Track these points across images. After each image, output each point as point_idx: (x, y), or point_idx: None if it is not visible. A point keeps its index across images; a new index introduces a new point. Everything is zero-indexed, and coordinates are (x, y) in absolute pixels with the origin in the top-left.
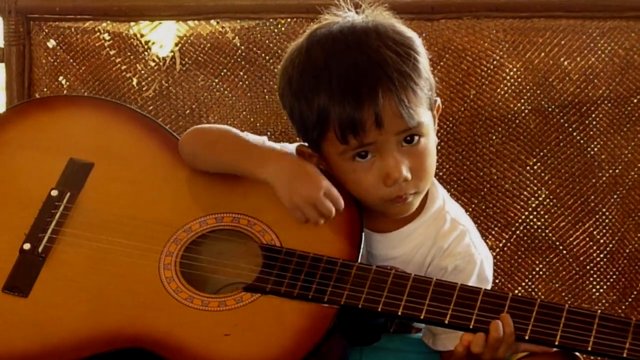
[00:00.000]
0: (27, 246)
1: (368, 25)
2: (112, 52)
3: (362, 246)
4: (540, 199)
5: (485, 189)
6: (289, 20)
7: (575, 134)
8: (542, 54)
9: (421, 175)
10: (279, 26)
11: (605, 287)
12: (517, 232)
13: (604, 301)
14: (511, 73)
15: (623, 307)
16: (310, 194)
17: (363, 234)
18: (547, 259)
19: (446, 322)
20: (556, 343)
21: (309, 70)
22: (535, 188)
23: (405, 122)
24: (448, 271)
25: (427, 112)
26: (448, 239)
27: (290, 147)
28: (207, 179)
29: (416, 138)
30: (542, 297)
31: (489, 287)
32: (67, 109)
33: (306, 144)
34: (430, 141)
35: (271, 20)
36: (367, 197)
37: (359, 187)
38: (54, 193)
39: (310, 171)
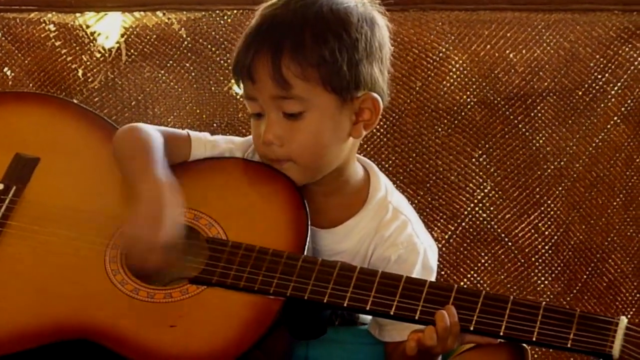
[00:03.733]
0: None
1: None
2: (57, 43)
3: (308, 240)
4: (486, 190)
5: (431, 181)
6: (235, 11)
7: (520, 126)
8: (488, 46)
9: (294, 148)
10: (226, 17)
11: (550, 278)
12: (463, 224)
13: (548, 293)
14: (457, 65)
15: (568, 298)
16: (150, 235)
17: (309, 227)
18: (493, 251)
19: (392, 313)
20: (501, 334)
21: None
22: (481, 180)
23: (276, 87)
24: (391, 261)
25: (322, 92)
26: (389, 228)
27: (237, 141)
28: None
29: (295, 113)
30: (488, 288)
31: (434, 276)
32: (14, 105)
33: None
34: (319, 121)
35: (217, 11)
36: (258, 155)
37: (254, 144)
38: (0, 187)
39: (170, 217)
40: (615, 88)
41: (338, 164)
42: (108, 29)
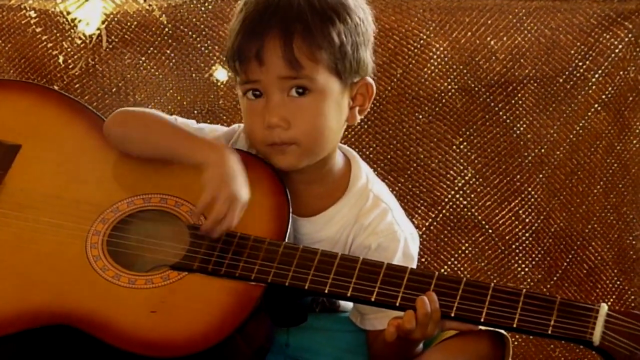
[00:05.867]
0: None
1: None
2: (38, 30)
3: (289, 227)
4: (467, 178)
5: (411, 168)
6: None
7: (501, 113)
8: (469, 33)
9: (301, 129)
10: (206, 4)
11: (530, 266)
12: (444, 211)
13: (529, 280)
14: (438, 52)
15: (548, 286)
16: (237, 193)
17: (290, 215)
18: (473, 238)
19: (372, 299)
20: (482, 320)
21: (241, 5)
22: (462, 167)
23: (287, 68)
24: (372, 249)
25: (328, 76)
26: (369, 217)
27: (222, 130)
28: (134, 160)
29: (305, 91)
30: (468, 275)
31: (414, 264)
32: None
33: None
34: (324, 103)
35: None
36: (254, 140)
37: (249, 128)
38: None
39: (244, 176)
40: (596, 75)
41: (332, 149)
42: (89, 15)
